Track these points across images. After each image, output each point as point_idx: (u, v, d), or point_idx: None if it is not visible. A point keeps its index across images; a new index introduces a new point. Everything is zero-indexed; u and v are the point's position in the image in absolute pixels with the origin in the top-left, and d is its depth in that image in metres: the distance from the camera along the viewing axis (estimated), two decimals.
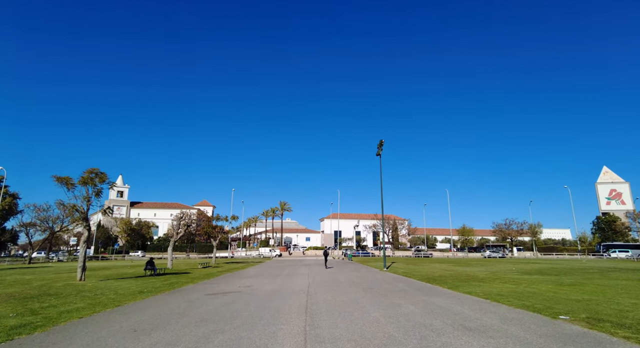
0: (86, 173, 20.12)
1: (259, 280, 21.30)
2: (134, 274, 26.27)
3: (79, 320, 9.55)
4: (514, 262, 45.97)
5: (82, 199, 19.58)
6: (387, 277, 23.57)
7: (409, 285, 18.28)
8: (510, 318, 9.44)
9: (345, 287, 17.50)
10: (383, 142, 32.20)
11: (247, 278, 23.21)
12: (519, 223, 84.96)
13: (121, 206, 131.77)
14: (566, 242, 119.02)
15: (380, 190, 32.43)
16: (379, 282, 20.09)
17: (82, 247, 19.36)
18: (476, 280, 20.36)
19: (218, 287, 17.62)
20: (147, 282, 19.82)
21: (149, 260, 25.06)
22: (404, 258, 61.58)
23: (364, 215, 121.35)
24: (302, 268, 34.26)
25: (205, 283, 19.60)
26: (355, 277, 23.10)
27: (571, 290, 15.56)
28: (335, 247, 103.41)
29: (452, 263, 42.50)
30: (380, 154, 32.36)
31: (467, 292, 15.17)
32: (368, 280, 21.30)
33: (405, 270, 29.99)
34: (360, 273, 27.18)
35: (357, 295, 14.38)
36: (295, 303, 12.21)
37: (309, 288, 16.88)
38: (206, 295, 14.68)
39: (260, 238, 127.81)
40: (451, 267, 35.09)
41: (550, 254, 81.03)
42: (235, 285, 18.81)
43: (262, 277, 24.20)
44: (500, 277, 22.86)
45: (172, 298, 13.62)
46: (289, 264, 43.20)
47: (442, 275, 24.61)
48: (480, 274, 25.17)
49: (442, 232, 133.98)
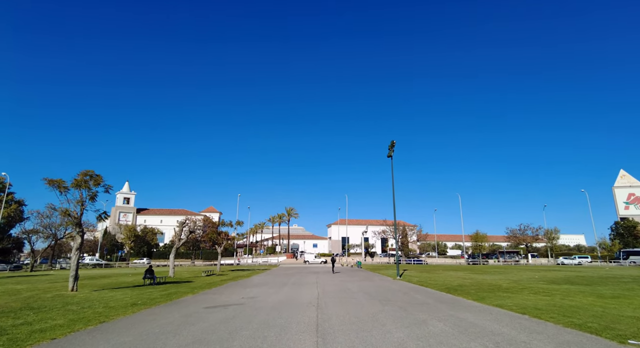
0: (80, 175, 18.88)
1: (264, 290, 19.74)
2: (133, 283, 24.88)
3: (50, 342, 8.09)
4: (532, 270, 43.69)
5: (75, 203, 18.30)
6: (402, 286, 21.83)
7: (428, 296, 16.56)
8: (567, 343, 7.75)
9: (359, 298, 15.86)
10: (395, 143, 30.61)
11: (251, 287, 21.66)
12: (534, 229, 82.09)
13: (128, 213, 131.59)
14: (581, 248, 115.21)
15: (392, 193, 30.82)
16: (394, 292, 18.39)
17: (75, 254, 18.01)
18: (501, 290, 18.55)
19: (219, 298, 16.10)
20: (144, 293, 18.38)
21: (148, 268, 23.63)
22: (415, 266, 59.47)
23: (372, 221, 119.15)
24: (310, 276, 32.59)
25: (206, 294, 18.09)
26: (368, 287, 21.41)
27: (618, 303, 13.70)
28: (343, 254, 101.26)
29: (467, 271, 40.43)
30: (392, 155, 30.75)
31: (497, 304, 13.44)
32: (382, 290, 19.60)
33: (419, 278, 28.17)
34: (373, 282, 25.46)
35: (374, 308, 12.74)
36: (304, 320, 10.65)
37: (319, 300, 15.27)
38: (205, 308, 13.16)
39: (266, 245, 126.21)
40: (468, 274, 33.11)
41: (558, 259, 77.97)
42: (238, 295, 17.28)
43: (268, 286, 22.64)
44: (526, 286, 20.97)
45: (166, 313, 12.13)
46: (296, 271, 41.53)
47: (461, 284, 22.78)
48: (502, 283, 23.28)
49: (453, 238, 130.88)
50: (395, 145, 30.70)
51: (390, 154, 30.84)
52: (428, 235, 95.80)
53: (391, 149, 30.69)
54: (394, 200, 30.76)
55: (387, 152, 31.11)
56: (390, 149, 30.85)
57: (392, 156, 30.79)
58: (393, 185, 30.71)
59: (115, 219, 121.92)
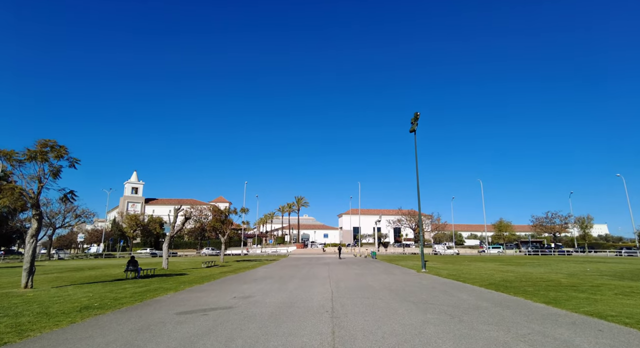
0: (38, 145, 15.30)
1: (266, 286, 16.08)
2: (116, 276, 21.57)
3: None
4: (571, 261, 39.25)
5: (29, 179, 14.79)
6: (434, 281, 17.91)
7: (477, 296, 12.60)
8: None
9: (386, 299, 12.00)
10: (419, 115, 26.36)
11: (251, 282, 18.03)
12: (562, 217, 76.54)
13: (136, 203, 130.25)
14: (609, 238, 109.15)
15: (416, 173, 26.64)
16: (428, 289, 14.48)
17: (30, 243, 14.56)
18: (567, 288, 14.45)
19: (205, 299, 12.45)
20: (115, 290, 14.90)
21: (130, 259, 20.12)
22: (434, 257, 55.44)
23: (385, 211, 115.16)
24: (321, 268, 28.96)
25: (191, 291, 14.49)
26: (392, 282, 17.55)
27: None
28: (355, 244, 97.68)
29: (497, 262, 36.25)
30: (415, 129, 26.53)
31: (589, 312, 9.42)
32: (412, 286, 15.71)
33: (449, 271, 24.22)
34: (395, 275, 21.63)
35: (413, 316, 8.87)
36: (314, 338, 6.84)
37: (334, 302, 11.46)
38: (177, 314, 9.51)
39: (276, 235, 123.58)
40: (502, 266, 28.98)
41: (595, 251, 72.90)
42: (230, 294, 13.62)
43: (272, 280, 19.01)
44: (594, 283, 16.74)
45: (116, 324, 8.49)
46: (306, 262, 38.01)
47: (505, 278, 18.76)
48: (555, 277, 19.16)
49: (470, 227, 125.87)
50: (419, 118, 26.45)
51: (413, 128, 26.62)
52: (447, 225, 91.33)
53: (414, 123, 26.47)
54: (417, 181, 26.64)
55: (410, 127, 26.92)
56: (413, 122, 26.63)
57: (415, 130, 26.59)
58: (417, 164, 26.58)
59: (123, 209, 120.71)
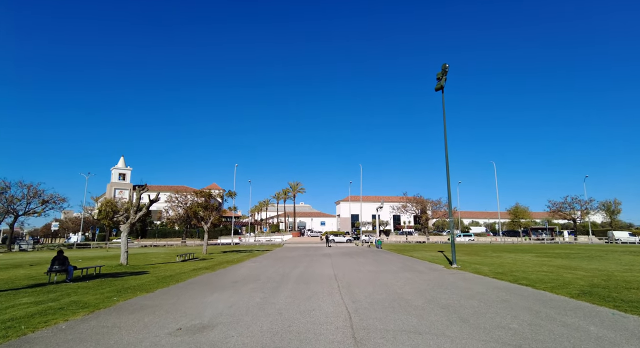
0: None
1: (243, 298, 10.47)
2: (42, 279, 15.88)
3: None
4: (610, 251, 34.20)
5: None
6: (488, 287, 12.40)
7: (586, 319, 7.04)
8: None
9: (449, 331, 6.39)
10: (447, 68, 20.47)
11: (223, 289, 12.40)
12: (582, 202, 71.25)
13: (124, 190, 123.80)
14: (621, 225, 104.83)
15: (445, 140, 20.72)
16: (501, 306, 8.91)
17: None
18: None
19: (118, 337, 6.83)
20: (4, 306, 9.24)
21: (57, 255, 14.22)
22: (442, 245, 50.33)
23: (386, 198, 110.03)
24: (323, 262, 23.52)
25: (117, 312, 8.79)
26: (428, 288, 11.99)
27: None
28: (353, 232, 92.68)
29: (533, 254, 31.01)
30: (443, 85, 20.71)
31: None
32: (466, 299, 10.13)
33: (489, 267, 18.77)
34: (422, 274, 16.18)
35: None
36: None
37: (358, 343, 5.83)
38: None
39: (271, 223, 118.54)
40: (547, 259, 23.64)
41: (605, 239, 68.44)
42: (176, 319, 7.97)
43: (255, 284, 13.44)
44: None
45: None
46: (303, 253, 32.63)
47: (592, 283, 13.34)
48: (616, 274, 13.79)
49: (480, 215, 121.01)
50: (447, 71, 20.59)
51: (440, 84, 20.79)
52: (455, 211, 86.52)
53: (442, 77, 20.62)
54: (446, 149, 20.85)
55: (436, 84, 21.10)
56: (440, 77, 20.77)
57: (443, 87, 20.76)
58: (445, 128, 20.82)
59: (110, 196, 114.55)
